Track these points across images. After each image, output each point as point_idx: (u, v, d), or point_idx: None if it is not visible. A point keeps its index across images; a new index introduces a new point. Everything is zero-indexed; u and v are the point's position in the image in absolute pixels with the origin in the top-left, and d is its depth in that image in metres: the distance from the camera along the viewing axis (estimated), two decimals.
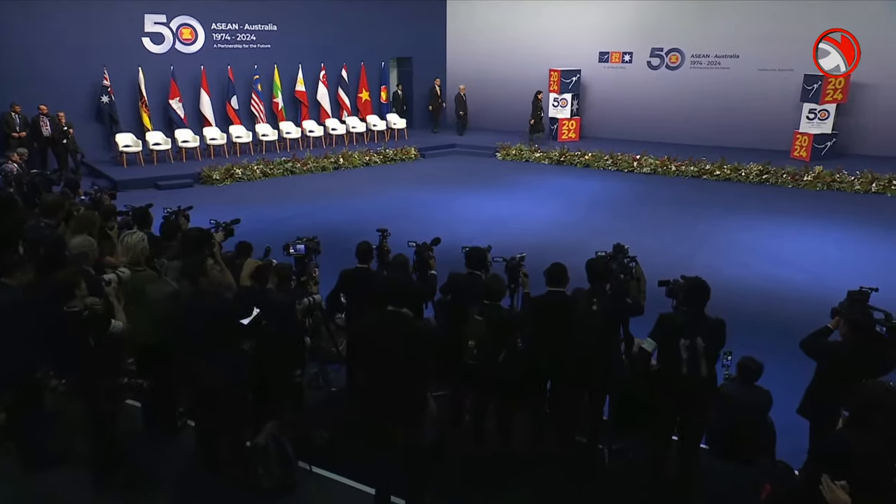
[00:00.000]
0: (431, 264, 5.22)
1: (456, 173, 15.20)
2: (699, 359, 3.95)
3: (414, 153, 16.64)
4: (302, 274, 5.74)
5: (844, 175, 12.91)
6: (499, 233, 10.47)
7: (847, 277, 8.24)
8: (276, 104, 16.56)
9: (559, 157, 16.02)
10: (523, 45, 18.66)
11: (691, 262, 9.06)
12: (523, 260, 4.83)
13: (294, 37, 16.77)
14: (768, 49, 15.65)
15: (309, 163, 15.05)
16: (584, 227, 10.94)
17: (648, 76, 17.39)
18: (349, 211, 11.86)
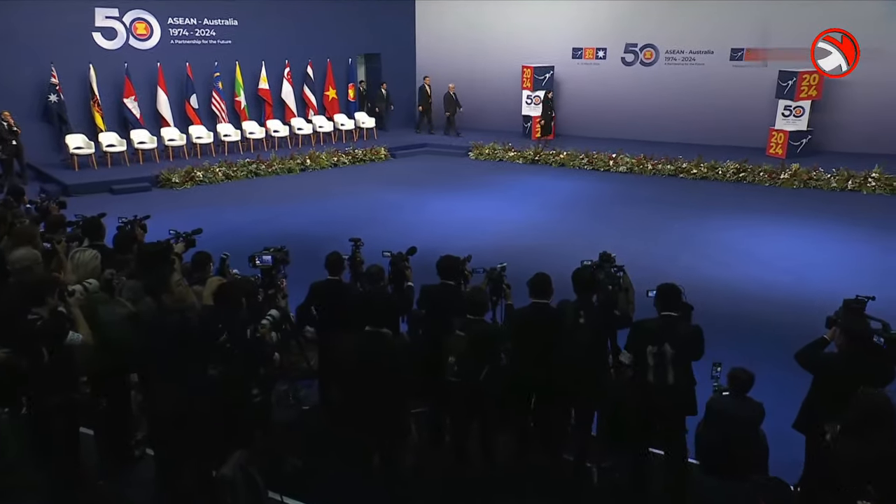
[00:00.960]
0: (408, 275, 5.06)
1: (428, 174, 15.07)
2: (667, 366, 3.93)
3: (384, 153, 16.45)
4: (269, 287, 5.52)
5: (821, 173, 13.11)
6: (474, 236, 10.38)
7: (829, 279, 8.37)
8: (239, 103, 16.21)
9: (533, 156, 15.98)
10: (495, 41, 18.59)
11: (672, 263, 9.09)
12: (504, 270, 4.70)
13: (256, 32, 16.43)
14: (742, 44, 15.83)
15: (274, 164, 14.76)
16: (561, 228, 10.91)
17: (623, 73, 17.47)
18: (317, 215, 11.64)
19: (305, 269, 5.73)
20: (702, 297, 7.48)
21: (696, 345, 3.98)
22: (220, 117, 15.89)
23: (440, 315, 4.65)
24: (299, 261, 8.81)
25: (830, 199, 12.36)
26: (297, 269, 6.08)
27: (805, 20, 14.85)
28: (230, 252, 7.51)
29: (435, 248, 9.78)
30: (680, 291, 4.03)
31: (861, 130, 14.75)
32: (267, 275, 5.55)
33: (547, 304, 4.43)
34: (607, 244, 9.96)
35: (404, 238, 10.37)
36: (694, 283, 8.18)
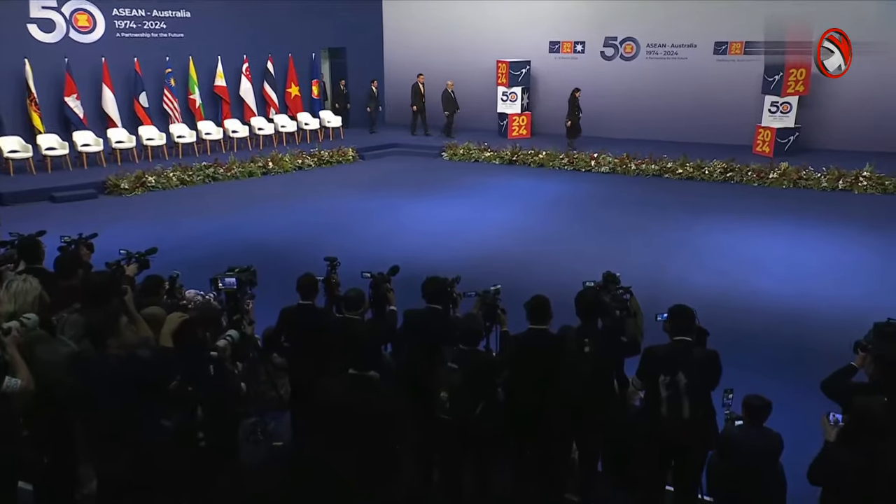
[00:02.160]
0: (390, 298, 4.80)
1: (399, 176, 14.83)
2: (681, 397, 3.76)
3: (352, 154, 16.17)
4: (234, 312, 5.18)
5: (811, 172, 13.22)
6: (452, 244, 10.20)
7: (830, 286, 8.36)
8: (193, 101, 15.75)
9: (511, 156, 15.84)
10: (468, 34, 18.45)
11: (663, 271, 9.00)
12: (499, 293, 4.47)
13: (211, 25, 16.00)
14: (725, 38, 15.94)
15: (233, 168, 14.37)
16: (544, 234, 10.78)
17: (602, 67, 17.49)
18: (282, 223, 11.30)
19: (270, 284, 5.43)
20: (698, 309, 7.43)
21: (712, 372, 3.82)
22: (172, 117, 15.43)
23: (426, 343, 4.41)
24: (263, 275, 8.49)
25: (822, 200, 12.45)
26: (262, 285, 5.77)
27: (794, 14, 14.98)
28: (187, 268, 7.17)
29: (411, 258, 9.61)
30: (693, 314, 3.86)
31: (849, 127, 14.96)
32: (231, 299, 5.21)
33: (546, 329, 4.23)
34: (593, 252, 10.13)
35: (377, 247, 10.25)
36: (688, 294, 8.20)
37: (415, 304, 5.03)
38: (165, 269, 5.62)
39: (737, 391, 4.29)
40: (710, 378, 3.81)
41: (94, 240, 5.57)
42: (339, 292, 5.03)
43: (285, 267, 9.14)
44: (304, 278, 4.77)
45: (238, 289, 5.19)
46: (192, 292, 6.50)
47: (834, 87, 14.96)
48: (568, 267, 9.27)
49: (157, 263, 5.65)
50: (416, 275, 5.21)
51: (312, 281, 4.78)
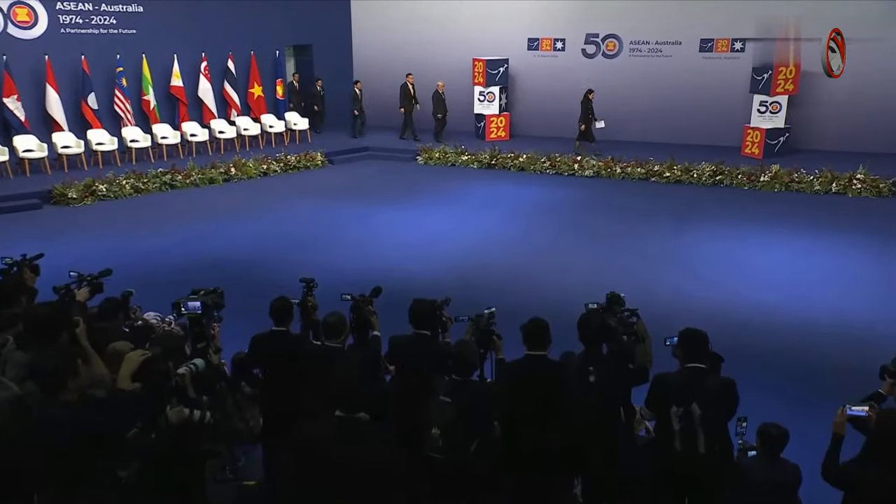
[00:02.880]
0: (373, 322, 4.61)
1: (373, 182, 14.65)
2: (695, 429, 3.64)
3: (321, 159, 15.94)
4: (199, 339, 4.94)
5: (803, 175, 13.35)
6: (432, 256, 10.07)
7: (832, 298, 8.37)
8: (147, 102, 15.40)
9: (490, 159, 15.75)
10: (442, 31, 18.37)
11: (657, 284, 8.94)
12: (493, 317, 4.31)
13: (166, 20, 15.67)
14: (711, 34, 16.08)
15: (192, 174, 14.06)
16: (527, 244, 10.70)
17: (584, 65, 17.51)
18: (247, 235, 11.04)
19: (236, 304, 5.20)
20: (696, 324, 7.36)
21: (728, 402, 3.70)
22: (125, 120, 15.06)
23: (415, 374, 4.24)
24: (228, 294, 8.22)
25: (815, 203, 12.56)
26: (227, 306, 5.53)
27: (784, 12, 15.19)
28: (143, 286, 6.91)
29: (388, 271, 9.44)
30: (706, 339, 3.74)
31: (841, 127, 15.17)
32: (196, 325, 4.97)
33: (545, 356, 4.08)
34: (581, 263, 10.07)
35: (351, 260, 10.04)
36: (684, 308, 8.20)
37: (393, 325, 4.86)
38: (119, 287, 5.37)
39: (741, 414, 4.18)
40: (727, 408, 3.70)
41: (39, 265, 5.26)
42: (317, 317, 4.83)
43: (252, 284, 8.95)
44: (277, 302, 4.55)
45: (203, 313, 4.95)
46: (150, 315, 6.25)
47: (824, 86, 15.15)
48: (555, 279, 9.21)
49: (109, 281, 5.39)
50: (393, 290, 5.06)
51: (286, 305, 4.56)
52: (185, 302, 4.97)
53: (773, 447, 4.06)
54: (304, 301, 4.81)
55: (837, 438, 3.48)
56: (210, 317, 5.08)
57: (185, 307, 4.93)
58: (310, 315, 4.81)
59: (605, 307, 4.25)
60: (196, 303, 4.95)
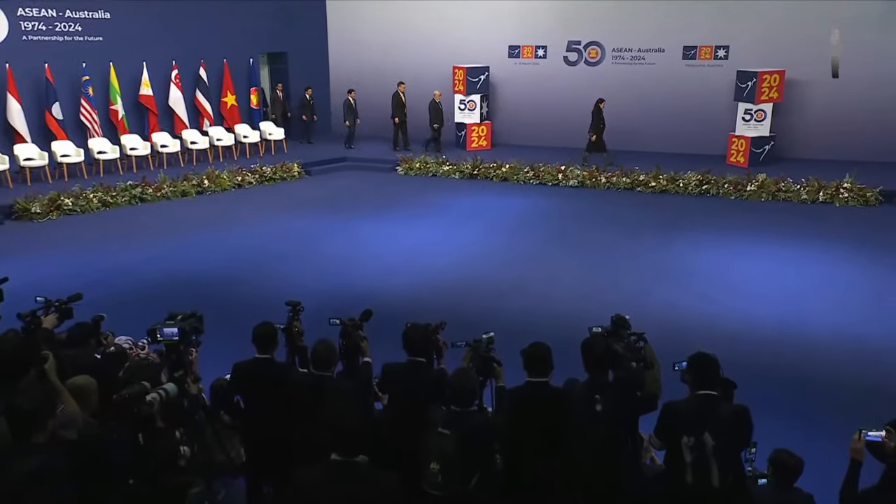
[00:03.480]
0: (364, 348, 4.44)
1: (352, 194, 14.50)
2: (709, 461, 3.53)
3: (297, 170, 15.74)
4: (176, 367, 4.74)
5: (790, 184, 13.43)
6: (413, 270, 9.97)
7: (826, 310, 8.37)
8: (115, 112, 15.12)
9: (472, 169, 15.66)
10: (421, 38, 18.31)
11: (647, 297, 8.91)
12: (493, 343, 4.17)
13: (134, 27, 15.43)
14: (695, 42, 16.20)
15: (164, 187, 13.80)
16: (514, 257, 10.61)
17: (566, 73, 17.53)
18: (222, 250, 10.82)
19: (213, 325, 4.99)
20: (689, 341, 7.34)
21: (742, 431, 3.59)
22: (91, 130, 14.76)
23: (410, 404, 4.08)
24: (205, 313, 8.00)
25: (803, 213, 12.64)
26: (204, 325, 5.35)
27: (764, 19, 15.38)
28: (113, 306, 6.69)
29: (371, 287, 9.28)
30: (717, 364, 3.63)
31: (825, 135, 15.31)
32: (173, 352, 4.77)
33: (546, 382, 3.95)
34: (570, 276, 9.99)
35: (332, 276, 9.86)
36: (677, 322, 8.14)
37: (377, 343, 4.70)
38: (86, 308, 5.15)
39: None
40: (740, 437, 3.59)
41: (3, 290, 5.00)
42: (303, 342, 4.65)
43: (230, 302, 8.76)
44: (260, 328, 4.37)
45: (181, 339, 4.76)
46: (122, 339, 6.02)
47: (808, 94, 15.32)
48: (544, 294, 9.12)
49: (79, 307, 5.18)
50: (377, 307, 4.90)
51: (271, 331, 4.38)
52: (160, 328, 4.76)
53: (788, 476, 3.96)
54: (290, 326, 4.63)
55: (855, 465, 3.39)
56: (188, 342, 4.90)
57: (161, 333, 4.71)
58: (296, 341, 4.63)
59: (610, 331, 4.13)
60: (173, 329, 4.74)
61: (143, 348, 6.17)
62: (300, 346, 4.62)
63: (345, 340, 4.45)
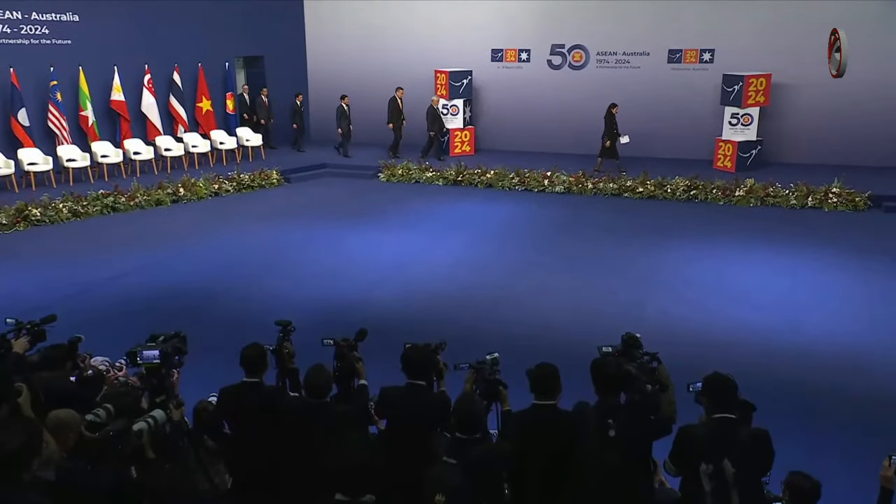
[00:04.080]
0: (360, 370, 4.28)
1: (333, 202, 14.30)
2: (729, 490, 3.42)
3: (276, 177, 15.51)
4: (158, 392, 4.54)
5: (778, 189, 13.47)
6: (400, 280, 9.85)
7: (822, 319, 8.39)
8: (85, 118, 14.79)
9: (455, 176, 15.54)
10: (402, 42, 18.14)
11: (640, 307, 8.86)
12: (497, 364, 4.02)
13: (105, 30, 15.10)
14: (680, 45, 16.26)
15: (137, 196, 13.52)
16: (502, 266, 10.52)
17: (550, 77, 17.49)
18: (200, 262, 10.60)
19: (194, 339, 4.80)
20: (683, 349, 7.27)
21: (763, 457, 3.48)
22: (60, 137, 14.41)
23: (408, 429, 3.92)
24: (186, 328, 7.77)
25: (792, 218, 12.68)
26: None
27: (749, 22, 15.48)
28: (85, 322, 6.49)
29: (357, 300, 9.11)
30: (734, 385, 3.52)
31: (812, 139, 15.41)
32: (154, 375, 4.57)
33: (555, 405, 3.81)
34: (561, 286, 9.89)
35: (316, 289, 9.66)
36: (673, 333, 8.05)
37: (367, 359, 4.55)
38: (58, 326, 4.91)
39: None
40: (762, 464, 3.48)
41: None
42: (294, 364, 4.47)
43: (212, 318, 8.57)
44: (249, 350, 4.19)
45: (162, 362, 4.57)
46: (98, 360, 5.80)
47: (794, 97, 15.41)
48: (535, 305, 9.03)
49: (52, 328, 4.96)
50: (362, 320, 4.75)
51: (260, 353, 4.20)
52: (140, 350, 4.57)
53: (805, 501, 3.85)
54: (280, 347, 4.44)
55: (886, 493, 3.30)
56: (171, 364, 4.71)
57: (142, 357, 4.53)
58: (286, 363, 4.45)
59: (621, 350, 4.00)
60: (153, 351, 4.56)
61: (121, 369, 5.96)
62: (291, 369, 4.44)
63: (339, 362, 4.28)
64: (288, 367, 4.44)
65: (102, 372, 5.36)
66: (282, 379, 4.47)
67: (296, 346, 4.79)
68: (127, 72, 15.25)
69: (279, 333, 4.56)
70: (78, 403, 4.39)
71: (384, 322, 8.28)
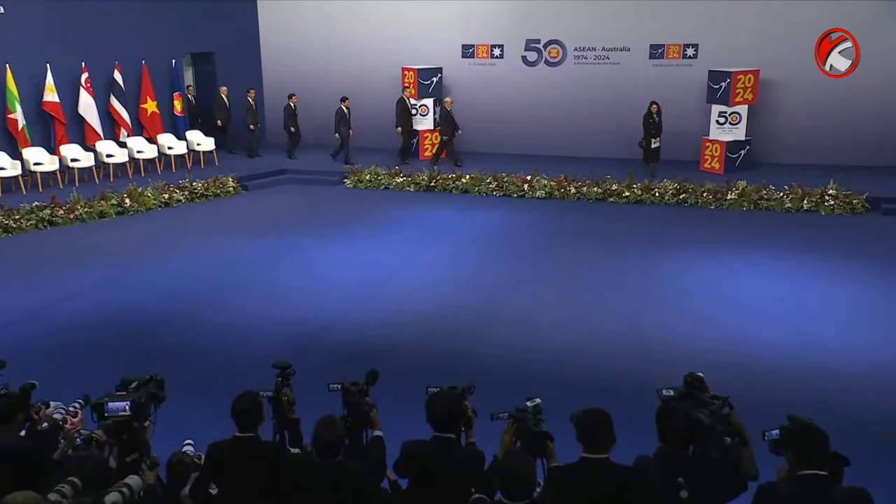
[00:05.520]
0: (373, 419, 3.86)
1: (297, 212, 13.88)
2: None
3: (233, 185, 14.98)
4: (128, 450, 4.09)
5: (772, 191, 13.44)
6: (380, 298, 9.49)
7: (841, 334, 8.31)
8: (14, 122, 14.15)
9: (428, 181, 15.18)
10: (365, 37, 17.76)
11: (641, 323, 8.71)
12: (541, 412, 3.62)
13: (35, 24, 14.43)
14: (662, 40, 16.22)
15: (77, 208, 12.94)
16: (488, 280, 10.21)
17: (525, 74, 17.29)
18: (154, 282, 10.06)
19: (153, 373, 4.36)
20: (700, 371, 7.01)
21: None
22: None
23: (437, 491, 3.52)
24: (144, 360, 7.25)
25: (789, 223, 12.64)
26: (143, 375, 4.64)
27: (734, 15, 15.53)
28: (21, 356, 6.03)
29: (332, 322, 8.66)
30: (824, 436, 3.18)
31: (803, 138, 15.46)
32: (124, 430, 4.10)
33: (608, 459, 3.43)
34: (554, 301, 9.60)
35: (288, 310, 9.16)
36: (682, 352, 7.78)
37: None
38: None
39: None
40: None
41: None
42: (294, 413, 4.03)
43: (172, 348, 8.05)
44: (243, 401, 3.75)
45: (134, 414, 4.10)
46: (52, 408, 5.25)
47: (783, 95, 15.46)
48: (530, 322, 8.79)
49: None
50: (339, 345, 4.33)
51: (255, 403, 3.77)
52: (107, 402, 4.10)
53: None
54: (279, 394, 3.99)
55: None
56: (145, 415, 4.25)
57: (109, 410, 4.06)
58: (286, 413, 4.00)
59: (683, 393, 3.64)
60: (121, 403, 4.10)
61: (76, 415, 5.42)
62: (291, 420, 3.99)
63: (350, 411, 3.85)
64: (287, 418, 3.99)
65: (59, 422, 4.85)
66: (280, 431, 4.03)
67: (265, 374, 4.37)
68: (61, 70, 14.63)
69: (277, 378, 4.11)
70: (32, 465, 3.96)
71: (366, 349, 7.91)
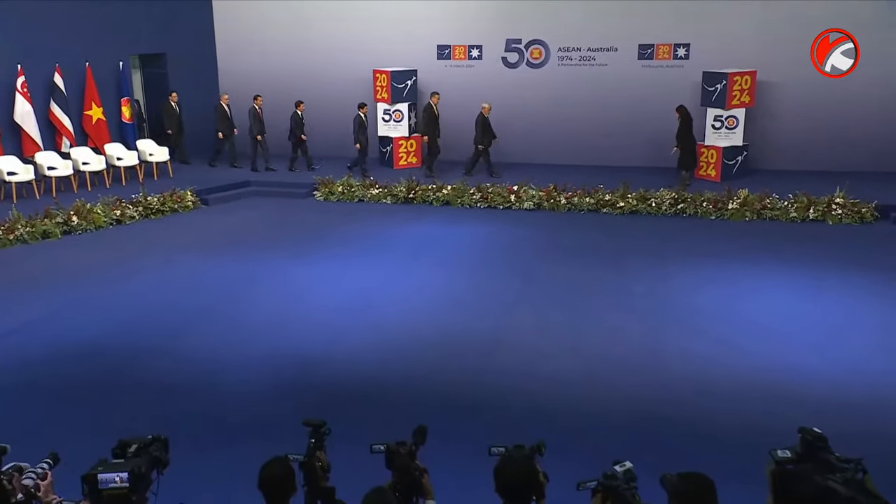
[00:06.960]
0: (426, 487, 3.45)
1: (266, 228, 13.45)
2: None
3: (191, 199, 14.45)
4: None
5: (776, 200, 13.40)
6: (366, 324, 9.09)
7: (876, 355, 8.07)
8: None
9: (406, 192, 14.81)
10: (333, 38, 17.51)
11: (659, 350, 8.41)
12: (635, 479, 3.23)
13: None
14: (651, 40, 16.21)
15: (18, 227, 12.37)
16: (481, 302, 9.88)
17: (505, 77, 17.15)
18: (112, 312, 9.51)
19: (122, 419, 3.91)
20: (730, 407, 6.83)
21: None
22: None
23: None
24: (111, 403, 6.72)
25: (796, 234, 12.59)
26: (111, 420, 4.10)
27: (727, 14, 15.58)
28: None
29: (318, 354, 8.20)
30: None
31: (802, 143, 15.56)
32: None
33: None
34: (557, 323, 9.35)
35: (267, 339, 8.72)
36: (709, 383, 7.51)
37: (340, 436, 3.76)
38: None
39: None
40: None
41: None
42: (328, 481, 3.59)
43: (134, 385, 7.59)
44: (272, 469, 3.32)
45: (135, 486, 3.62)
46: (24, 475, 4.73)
47: (781, 97, 15.51)
48: (536, 347, 8.53)
49: None
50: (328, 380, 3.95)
51: (286, 472, 3.34)
52: (100, 472, 3.62)
53: None
54: (311, 459, 3.55)
55: None
56: (146, 485, 3.78)
57: (103, 483, 3.58)
58: (319, 481, 3.56)
59: (801, 453, 3.28)
60: (117, 475, 3.61)
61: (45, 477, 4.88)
62: (325, 489, 3.55)
63: (398, 476, 3.43)
64: (320, 487, 3.55)
65: (31, 489, 4.33)
66: (312, 501, 3.58)
67: (248, 417, 3.95)
68: None
69: (309, 438, 3.66)
70: None
71: (361, 384, 7.55)
